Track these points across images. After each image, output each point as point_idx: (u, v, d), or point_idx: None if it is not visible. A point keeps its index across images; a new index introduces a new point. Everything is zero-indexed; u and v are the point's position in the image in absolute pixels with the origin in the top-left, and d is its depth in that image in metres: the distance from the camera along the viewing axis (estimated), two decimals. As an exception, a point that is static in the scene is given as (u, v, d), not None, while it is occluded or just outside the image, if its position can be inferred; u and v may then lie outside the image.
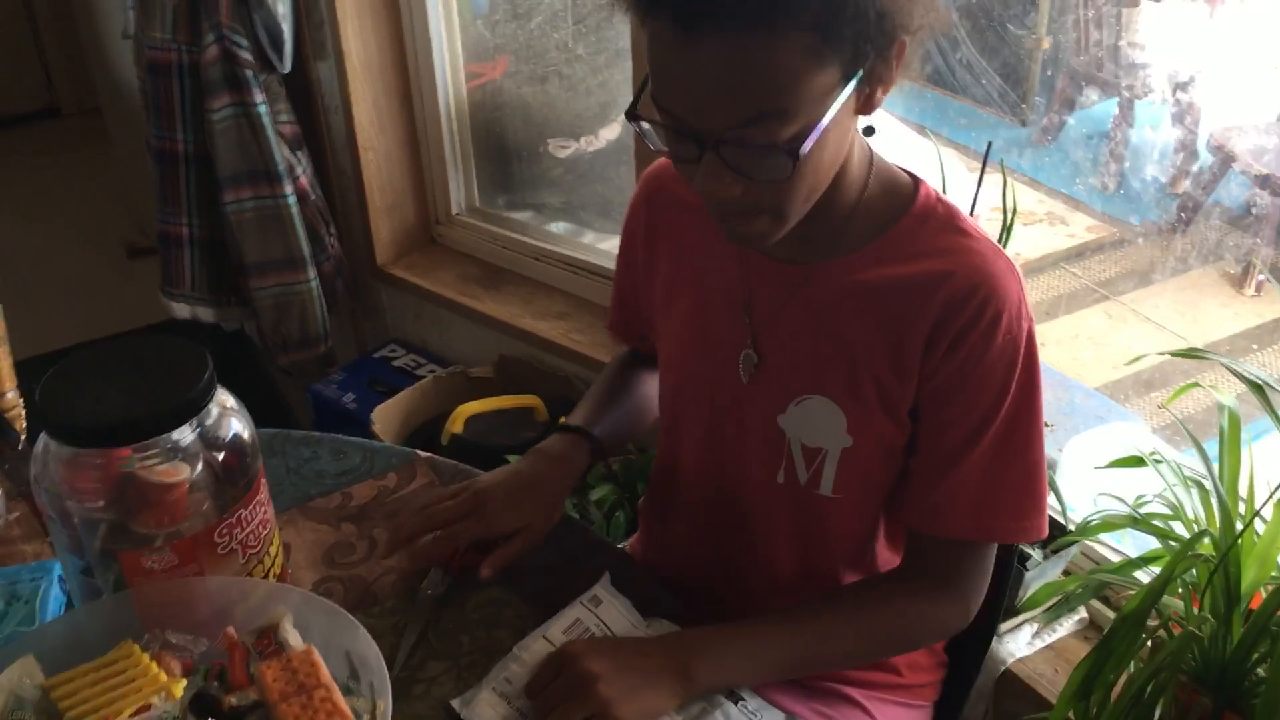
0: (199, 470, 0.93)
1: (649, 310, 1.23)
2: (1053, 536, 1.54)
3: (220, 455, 0.95)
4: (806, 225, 0.98)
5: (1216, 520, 1.29)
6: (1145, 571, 1.43)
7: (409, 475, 1.29)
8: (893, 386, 1.02)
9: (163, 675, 0.87)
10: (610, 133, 2.37)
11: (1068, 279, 2.40)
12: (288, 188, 2.30)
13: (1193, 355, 1.46)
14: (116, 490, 0.92)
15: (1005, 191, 1.56)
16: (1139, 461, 1.42)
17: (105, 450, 0.91)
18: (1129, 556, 1.52)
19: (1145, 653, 1.30)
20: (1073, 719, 1.22)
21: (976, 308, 0.97)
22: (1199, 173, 2.03)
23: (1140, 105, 2.10)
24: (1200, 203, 2.03)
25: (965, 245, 1.00)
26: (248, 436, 0.98)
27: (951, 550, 1.06)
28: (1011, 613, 1.60)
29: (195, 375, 0.93)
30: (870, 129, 1.01)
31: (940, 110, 2.13)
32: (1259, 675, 1.23)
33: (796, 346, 1.07)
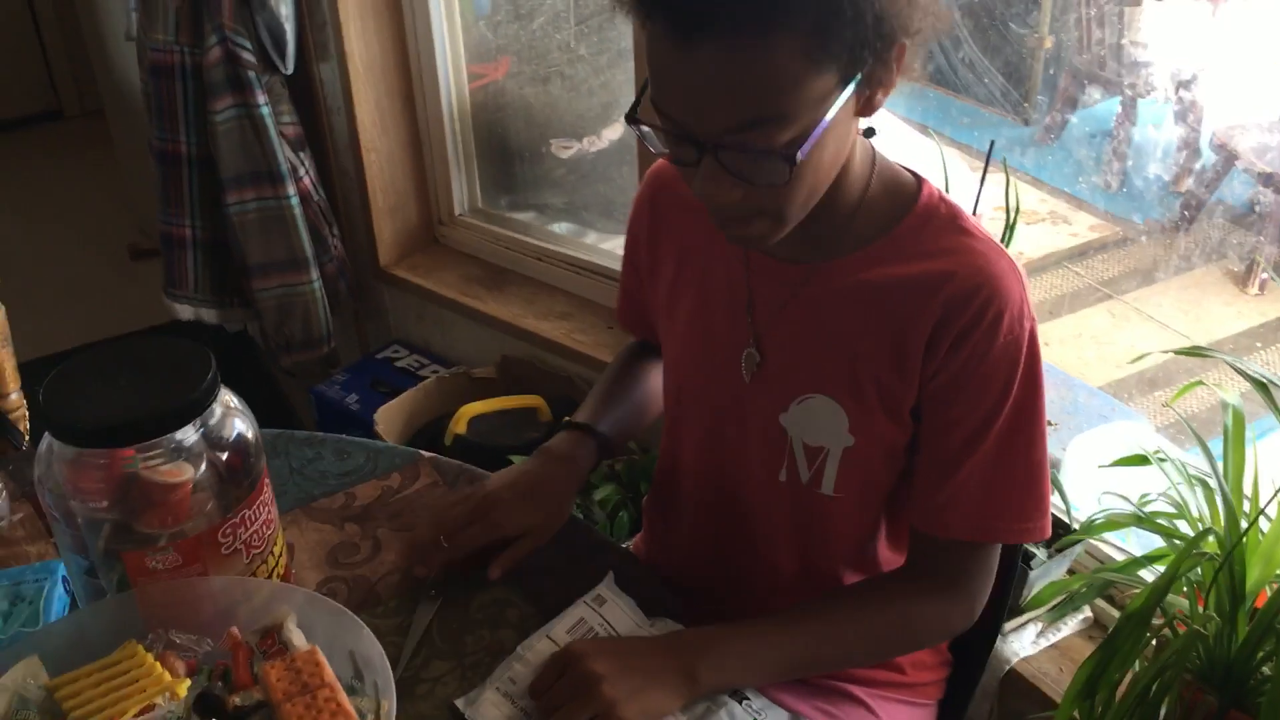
0: (203, 470, 0.93)
1: (653, 309, 1.23)
2: (1057, 536, 1.54)
3: (224, 455, 0.95)
4: (808, 225, 0.98)
5: (1221, 518, 1.29)
6: (1150, 570, 1.42)
7: (412, 475, 1.29)
8: (894, 386, 1.02)
9: (167, 675, 0.87)
10: (613, 133, 2.36)
11: (1070, 278, 2.39)
12: (290, 189, 2.30)
13: (1196, 353, 1.46)
14: (120, 490, 0.92)
15: (1008, 190, 1.55)
16: (1143, 460, 1.42)
17: (109, 450, 0.91)
18: (1133, 555, 1.52)
19: (1150, 652, 1.30)
20: (1077, 718, 1.22)
21: (979, 308, 0.97)
22: (1202, 171, 2.03)
23: (1143, 104, 2.10)
24: (1203, 201, 2.03)
25: (967, 245, 0.99)
26: (251, 436, 0.98)
27: (955, 551, 1.06)
28: (1016, 612, 1.60)
29: (198, 375, 0.93)
30: (871, 130, 1.01)
31: (943, 109, 2.13)
32: (1264, 673, 1.22)
33: (798, 346, 1.06)
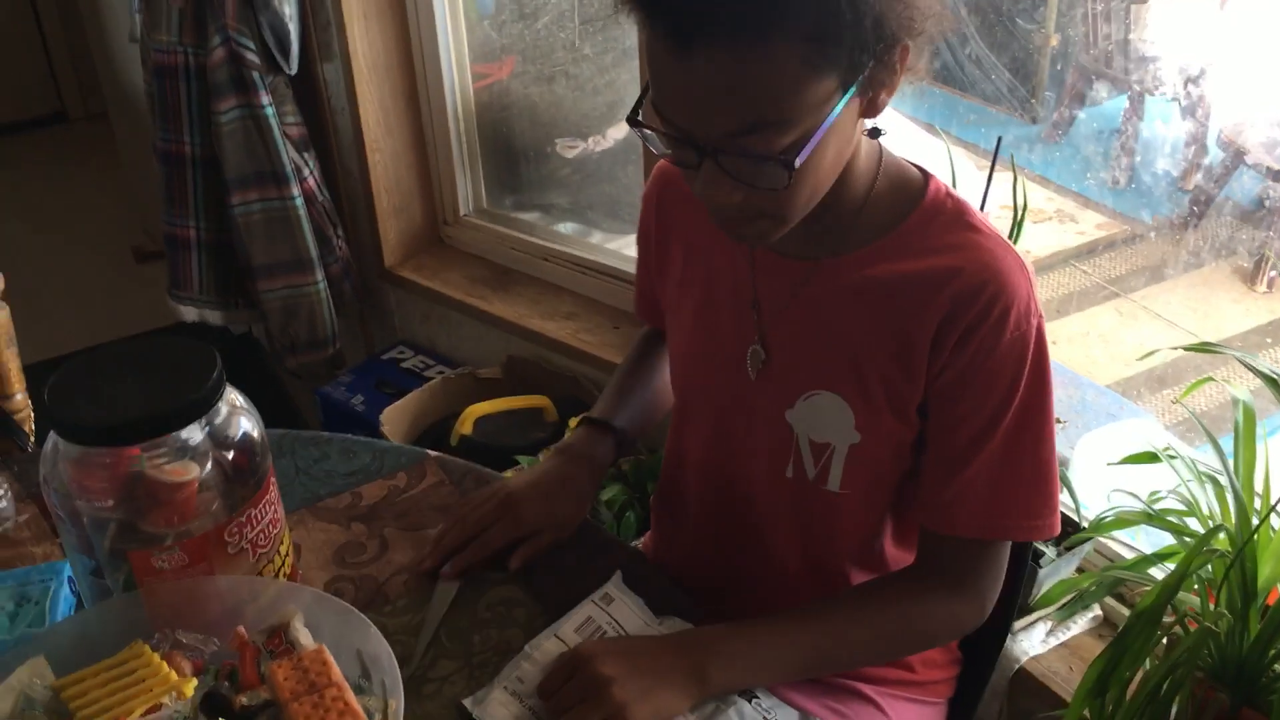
0: (208, 469, 0.93)
1: (663, 304, 1.23)
2: (1066, 534, 1.53)
3: (230, 454, 0.94)
4: (813, 221, 0.97)
5: (1232, 515, 1.28)
6: (1160, 568, 1.41)
7: (419, 475, 1.29)
8: (901, 383, 1.02)
9: (173, 675, 0.87)
10: (618, 132, 2.36)
11: (1078, 276, 2.39)
12: (295, 189, 2.30)
13: (1206, 350, 1.45)
14: (126, 489, 0.92)
15: (1015, 188, 1.55)
16: (1153, 458, 1.41)
17: (114, 449, 0.91)
18: (1143, 553, 1.51)
19: (1161, 649, 1.29)
20: (1088, 717, 1.21)
21: (985, 303, 0.96)
22: (1210, 167, 2.02)
23: (1150, 100, 2.09)
24: (1212, 197, 2.02)
25: (974, 241, 0.99)
26: (257, 435, 0.97)
27: (964, 549, 1.06)
28: (1025, 610, 1.59)
29: (204, 373, 0.92)
30: (876, 130, 1.01)
31: (949, 108, 2.13)
32: (1276, 671, 1.22)
33: (804, 343, 1.06)
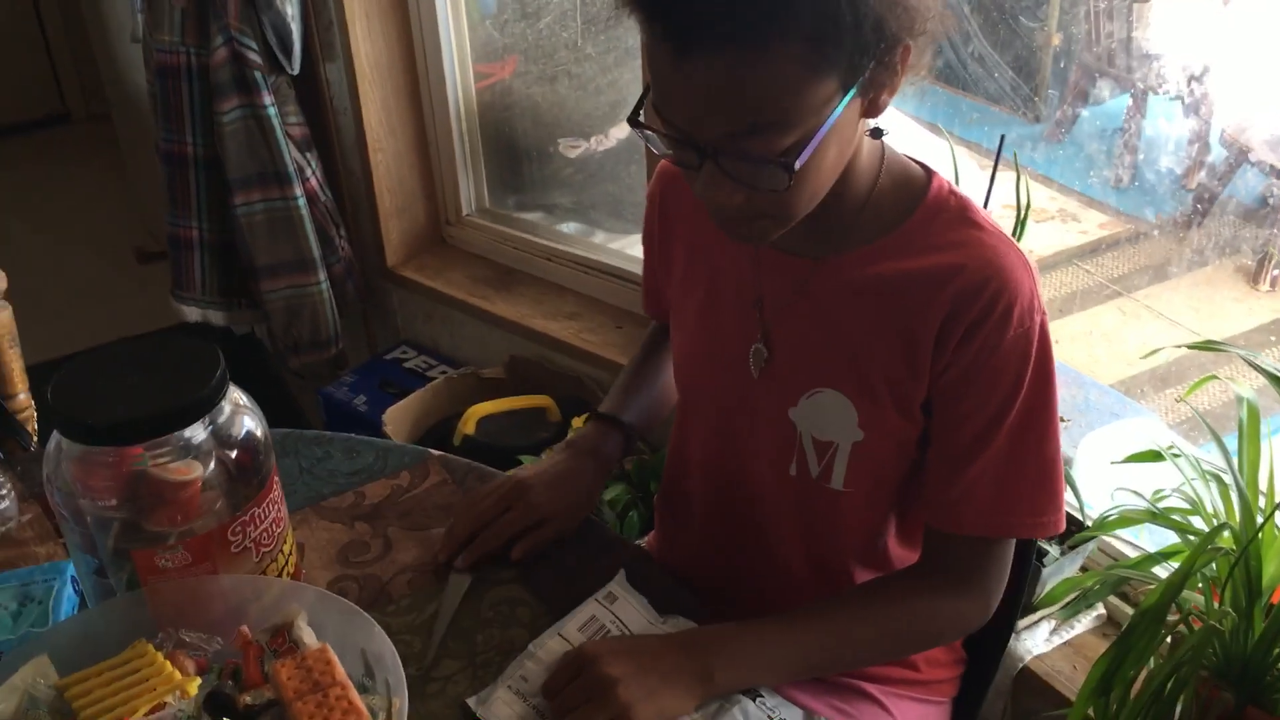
0: (212, 468, 0.93)
1: (669, 303, 1.23)
2: (1070, 532, 1.53)
3: (233, 453, 0.94)
4: (816, 220, 0.97)
5: (1236, 514, 1.27)
6: (1164, 566, 1.41)
7: (422, 474, 1.29)
8: (904, 381, 1.01)
9: (177, 674, 0.87)
10: (620, 132, 2.36)
11: (1081, 276, 2.38)
12: (297, 189, 2.30)
13: (1210, 348, 1.44)
14: (129, 488, 0.92)
15: (1018, 187, 1.55)
16: (1156, 456, 1.41)
17: (117, 448, 0.91)
18: (1147, 552, 1.51)
19: (1165, 648, 1.29)
20: (1092, 716, 1.21)
21: (988, 301, 0.96)
22: (1213, 166, 2.02)
23: (1153, 98, 2.09)
24: (1215, 196, 2.01)
25: (977, 238, 0.99)
26: (260, 434, 0.97)
27: (969, 546, 1.05)
28: (1029, 609, 1.59)
29: (207, 372, 0.92)
30: (878, 130, 1.00)
31: (952, 107, 2.12)
32: (1281, 670, 1.22)
33: (807, 341, 1.06)
